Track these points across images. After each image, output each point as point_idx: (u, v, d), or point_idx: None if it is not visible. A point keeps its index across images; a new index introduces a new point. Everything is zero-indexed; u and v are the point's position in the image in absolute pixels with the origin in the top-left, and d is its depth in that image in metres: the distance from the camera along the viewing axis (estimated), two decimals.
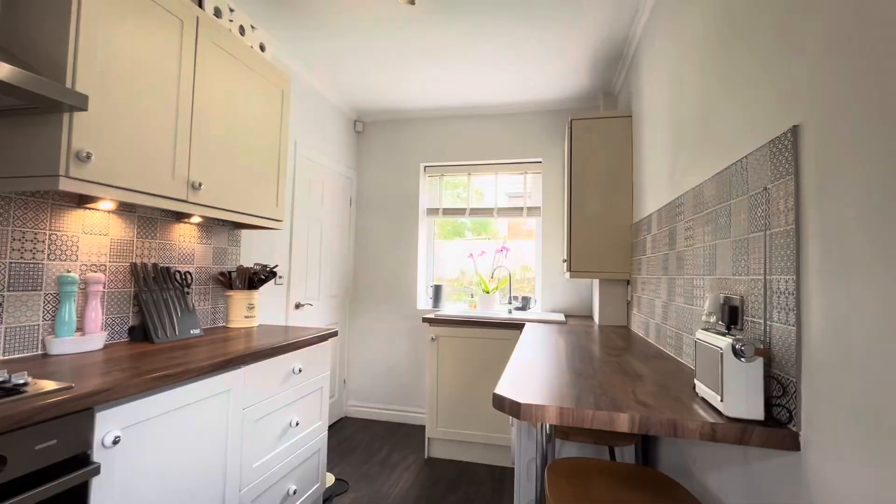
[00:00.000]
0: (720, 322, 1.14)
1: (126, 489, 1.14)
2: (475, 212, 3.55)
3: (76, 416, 1.02)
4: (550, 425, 1.37)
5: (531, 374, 1.31)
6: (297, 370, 1.85)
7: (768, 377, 0.93)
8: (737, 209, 1.12)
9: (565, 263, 2.70)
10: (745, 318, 1.06)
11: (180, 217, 1.95)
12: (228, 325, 2.16)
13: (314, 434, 2.01)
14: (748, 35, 1.09)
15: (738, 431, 0.86)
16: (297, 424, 1.86)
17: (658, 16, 1.95)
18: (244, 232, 2.39)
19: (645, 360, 1.55)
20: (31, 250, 1.42)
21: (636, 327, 2.29)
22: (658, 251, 1.88)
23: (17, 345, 1.39)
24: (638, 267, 2.27)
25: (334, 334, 2.16)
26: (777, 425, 0.87)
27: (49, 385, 1.04)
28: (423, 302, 3.59)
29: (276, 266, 2.32)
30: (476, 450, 2.81)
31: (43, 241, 1.45)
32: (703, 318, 1.16)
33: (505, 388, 1.13)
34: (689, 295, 1.46)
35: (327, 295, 3.27)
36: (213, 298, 2.17)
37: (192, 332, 1.85)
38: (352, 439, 3.10)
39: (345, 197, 3.53)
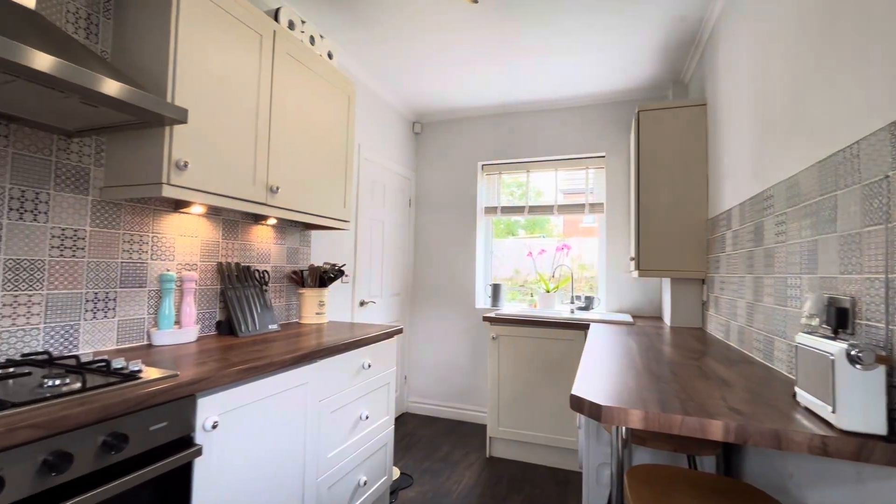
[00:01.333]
0: (824, 325, 1.04)
1: (222, 470, 1.24)
2: (534, 210, 3.50)
3: (181, 401, 1.12)
4: (627, 430, 1.32)
5: (606, 375, 1.27)
6: (366, 365, 1.91)
7: (891, 387, 0.83)
8: (845, 201, 1.01)
9: (633, 262, 2.58)
10: (856, 321, 0.96)
11: (258, 219, 2.09)
12: (301, 322, 2.28)
13: (382, 428, 2.07)
14: (857, 2, 0.98)
15: (856, 447, 0.78)
16: (367, 418, 1.93)
17: None
18: (313, 232, 2.51)
19: (729, 365, 1.45)
20: (137, 251, 1.58)
21: (714, 329, 2.14)
22: (741, 248, 1.75)
23: (127, 335, 1.55)
24: (715, 265, 2.13)
25: (399, 331, 2.21)
26: None
27: (158, 373, 1.15)
28: (482, 301, 3.59)
29: (344, 265, 2.42)
30: (538, 451, 2.76)
31: (147, 243, 1.61)
32: (804, 320, 1.07)
33: (581, 389, 1.10)
34: (782, 295, 1.34)
35: (389, 293, 3.35)
36: (287, 295, 2.30)
37: (270, 327, 1.97)
38: (413, 435, 3.16)
39: (404, 197, 3.61)
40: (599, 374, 1.29)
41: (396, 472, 2.45)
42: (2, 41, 0.86)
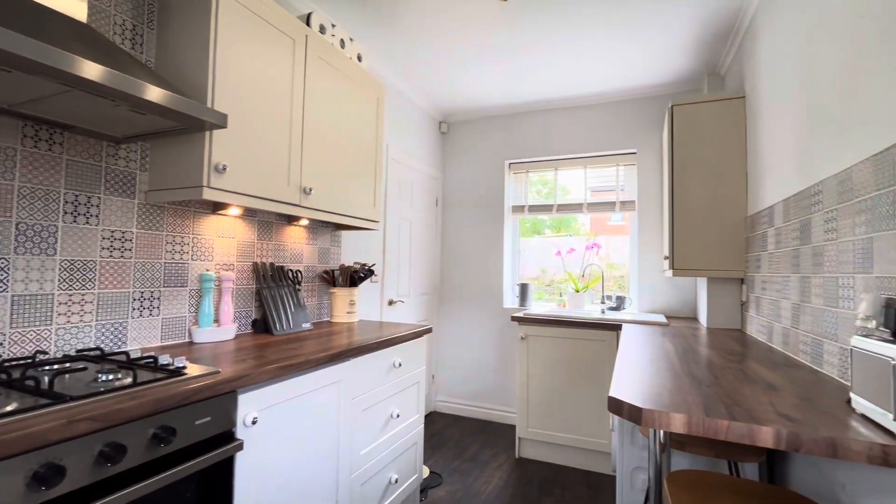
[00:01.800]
0: (882, 328, 0.98)
1: (261, 465, 1.27)
2: (563, 208, 3.44)
3: (223, 397, 1.15)
4: (665, 434, 1.28)
5: (643, 377, 1.24)
6: (397, 364, 1.93)
7: None
8: None
9: (667, 261, 2.51)
10: None
11: (291, 220, 2.14)
12: (332, 320, 2.32)
13: (412, 426, 2.09)
14: None
15: None
16: (398, 416, 1.94)
17: None
18: (343, 232, 2.55)
19: (773, 369, 1.39)
20: (179, 252, 1.64)
21: (754, 331, 2.06)
22: (785, 246, 1.67)
23: (170, 333, 1.61)
24: (756, 264, 2.04)
25: (429, 330, 2.23)
26: None
27: (201, 369, 1.19)
28: (509, 300, 3.56)
29: (374, 265, 2.45)
30: (569, 453, 2.73)
31: (188, 244, 1.67)
32: (859, 322, 1.01)
33: (619, 391, 1.08)
34: (832, 296, 1.28)
35: (417, 293, 3.37)
36: (319, 295, 2.34)
37: (303, 325, 2.01)
38: (442, 434, 3.17)
39: (431, 197, 3.62)
40: (636, 376, 1.26)
41: (426, 471, 2.47)
42: (60, 53, 0.91)
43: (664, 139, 2.75)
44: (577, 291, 3.20)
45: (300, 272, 2.16)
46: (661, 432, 1.29)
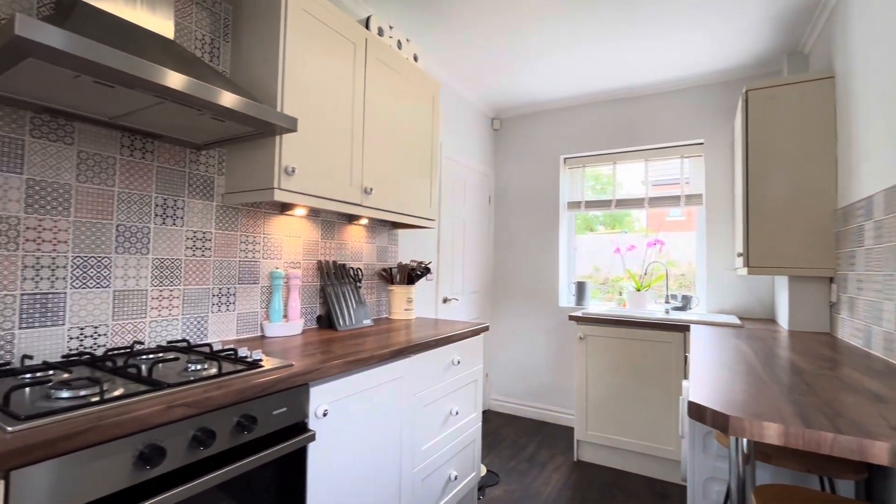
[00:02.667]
0: None
1: (331, 456, 1.32)
2: (622, 203, 3.30)
3: (297, 389, 1.21)
4: (750, 444, 1.19)
5: (723, 382, 1.15)
6: (455, 362, 1.94)
7: None
8: None
9: (740, 258, 2.34)
10: None
11: (351, 219, 2.20)
12: (391, 317, 2.36)
13: (470, 424, 2.09)
14: None
15: None
16: (457, 413, 1.95)
17: None
18: (400, 231, 2.60)
19: (874, 376, 1.25)
20: (251, 251, 1.74)
21: (847, 335, 1.87)
22: (888, 240, 1.50)
23: (244, 327, 1.71)
24: (849, 261, 1.85)
25: (486, 328, 2.21)
26: None
27: (275, 362, 1.26)
28: (565, 299, 3.47)
29: (430, 262, 2.47)
30: (631, 458, 2.61)
31: (259, 243, 1.77)
32: None
33: (700, 396, 1.01)
34: None
35: (470, 291, 3.37)
36: (378, 292, 2.40)
37: (364, 321, 2.07)
38: (497, 433, 3.15)
39: (484, 195, 3.60)
40: (715, 380, 1.18)
41: (483, 470, 2.46)
42: (158, 69, 0.99)
43: (737, 127, 2.56)
44: (638, 290, 3.06)
45: (360, 270, 2.22)
46: (745, 442, 1.20)
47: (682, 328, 2.46)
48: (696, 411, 0.95)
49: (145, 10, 1.23)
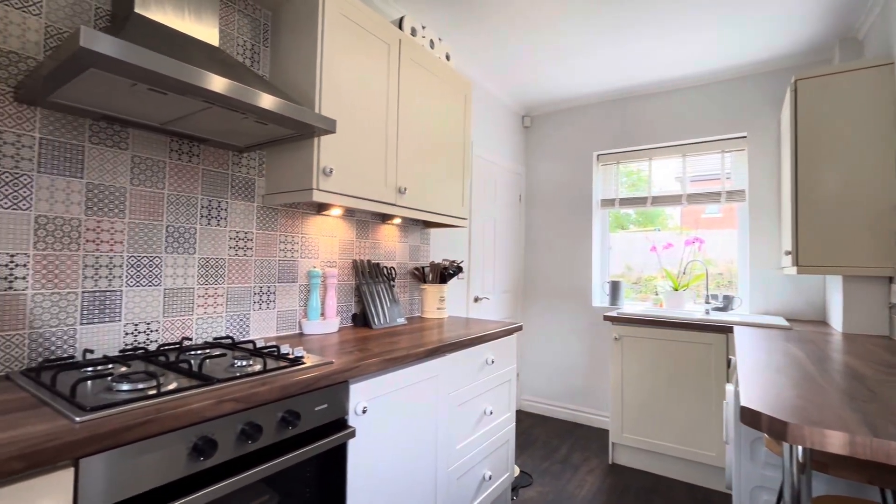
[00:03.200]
0: None
1: (370, 453, 1.34)
2: (658, 200, 3.21)
3: (337, 386, 1.23)
4: (806, 452, 1.13)
5: (775, 387, 1.10)
6: (489, 361, 1.93)
7: None
8: None
9: (788, 256, 2.23)
10: None
11: (385, 219, 2.22)
12: (423, 316, 2.38)
13: (504, 424, 2.08)
14: None
15: None
16: (491, 413, 1.94)
17: None
18: (431, 230, 2.61)
19: None
20: (290, 250, 1.79)
21: None
22: None
23: (284, 324, 1.76)
24: None
25: (519, 328, 2.19)
26: None
27: (316, 359, 1.28)
28: (598, 299, 3.40)
29: (462, 262, 2.47)
30: (669, 463, 2.54)
31: (297, 243, 1.81)
32: None
33: (752, 401, 0.97)
34: None
35: (501, 290, 3.35)
36: (410, 290, 2.42)
37: (398, 320, 2.09)
38: (529, 434, 3.12)
39: (514, 193, 3.57)
40: (768, 384, 1.13)
41: (516, 470, 2.44)
42: (209, 76, 1.02)
43: (783, 119, 2.44)
44: (676, 290, 2.96)
45: (394, 269, 2.24)
46: (800, 450, 1.14)
47: (725, 329, 2.36)
48: (750, 417, 0.91)
49: (192, 19, 1.28)
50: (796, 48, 2.58)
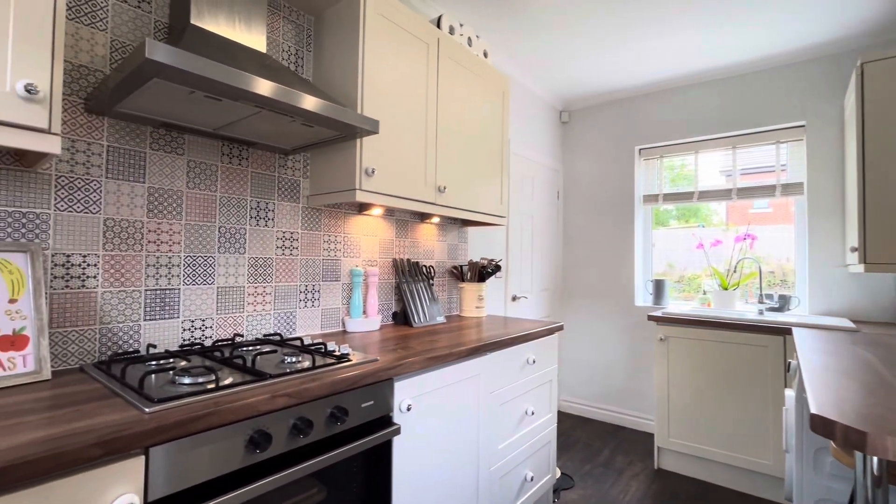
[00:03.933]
0: None
1: (414, 449, 1.35)
2: (705, 195, 3.06)
3: (382, 383, 1.24)
4: (882, 464, 1.05)
5: (849, 393, 1.02)
6: (531, 361, 1.90)
7: None
8: None
9: (855, 253, 2.07)
10: None
11: (423, 218, 2.23)
12: (462, 314, 2.37)
13: (546, 425, 2.04)
14: None
15: None
16: (533, 413, 1.92)
17: None
18: (469, 229, 2.60)
19: None
20: (333, 250, 1.83)
21: None
22: None
23: (328, 322, 1.80)
24: None
25: (560, 328, 2.15)
26: None
27: (361, 356, 1.30)
28: (641, 298, 3.29)
29: (500, 260, 2.45)
30: (719, 470, 2.42)
31: (340, 242, 1.85)
32: None
33: (824, 408, 0.90)
34: None
35: (539, 288, 3.30)
36: (449, 289, 2.42)
37: (437, 318, 2.09)
38: (569, 435, 3.07)
39: (552, 190, 3.51)
40: (839, 390, 1.05)
41: (557, 472, 2.40)
42: (262, 82, 1.06)
43: (848, 105, 2.27)
44: (725, 289, 2.82)
45: (433, 267, 2.25)
46: (875, 461, 1.06)
47: (782, 331, 2.23)
48: (822, 425, 0.85)
49: (243, 28, 1.33)
50: (861, 28, 2.40)
